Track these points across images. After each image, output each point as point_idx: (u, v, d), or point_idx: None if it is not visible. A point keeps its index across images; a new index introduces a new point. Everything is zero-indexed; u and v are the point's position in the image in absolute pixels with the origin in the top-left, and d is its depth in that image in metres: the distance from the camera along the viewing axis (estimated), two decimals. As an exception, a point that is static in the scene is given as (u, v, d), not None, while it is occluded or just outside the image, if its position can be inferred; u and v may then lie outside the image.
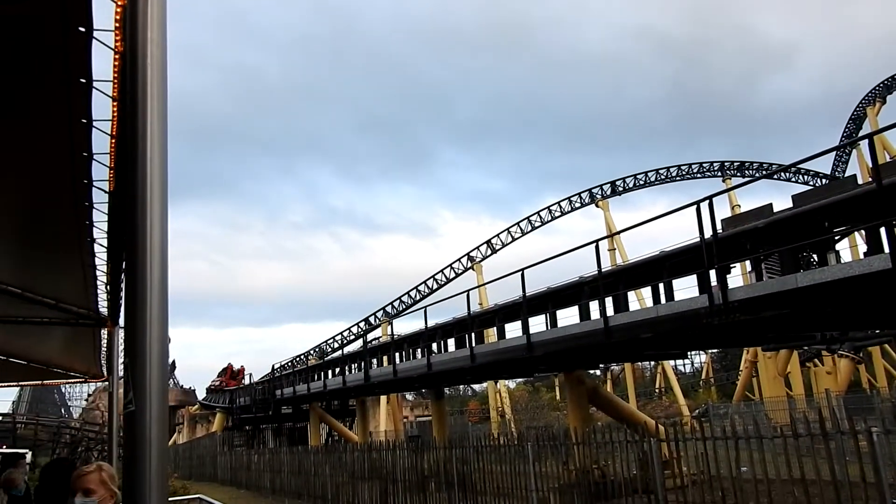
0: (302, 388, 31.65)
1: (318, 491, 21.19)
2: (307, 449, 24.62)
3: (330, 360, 37.77)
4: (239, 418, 42.38)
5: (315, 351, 54.42)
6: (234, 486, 29.67)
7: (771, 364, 37.31)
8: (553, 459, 13.30)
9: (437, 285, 54.69)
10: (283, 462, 24.53)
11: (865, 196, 8.92)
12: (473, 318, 17.81)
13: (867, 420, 10.86)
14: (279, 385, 35.73)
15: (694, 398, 63.04)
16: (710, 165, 58.14)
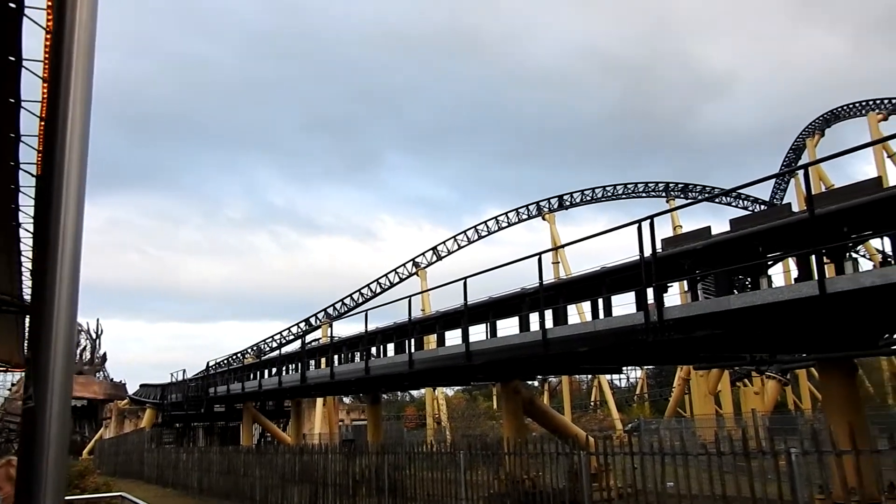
0: (236, 386, 31.08)
1: (247, 492, 20.80)
2: (238, 449, 24.20)
3: (266, 359, 37.21)
4: (170, 415, 41.36)
5: (252, 350, 53.54)
6: (160, 484, 28.92)
7: (703, 382, 38.23)
8: (485, 468, 13.32)
9: (381, 289, 54.51)
10: (212, 461, 24.02)
11: (798, 224, 9.20)
12: (414, 324, 17.75)
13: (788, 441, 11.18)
14: (213, 383, 35.03)
15: (628, 412, 64.14)
16: (655, 186, 59.57)
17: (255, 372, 30.91)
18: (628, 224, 11.03)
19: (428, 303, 40.86)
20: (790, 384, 45.07)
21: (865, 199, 8.54)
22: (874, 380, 59.33)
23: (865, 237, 9.56)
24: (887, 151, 44.79)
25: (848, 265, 9.10)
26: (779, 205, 47.05)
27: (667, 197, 58.61)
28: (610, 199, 59.18)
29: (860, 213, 8.70)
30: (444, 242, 55.80)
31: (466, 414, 53.20)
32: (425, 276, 54.08)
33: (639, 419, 42.06)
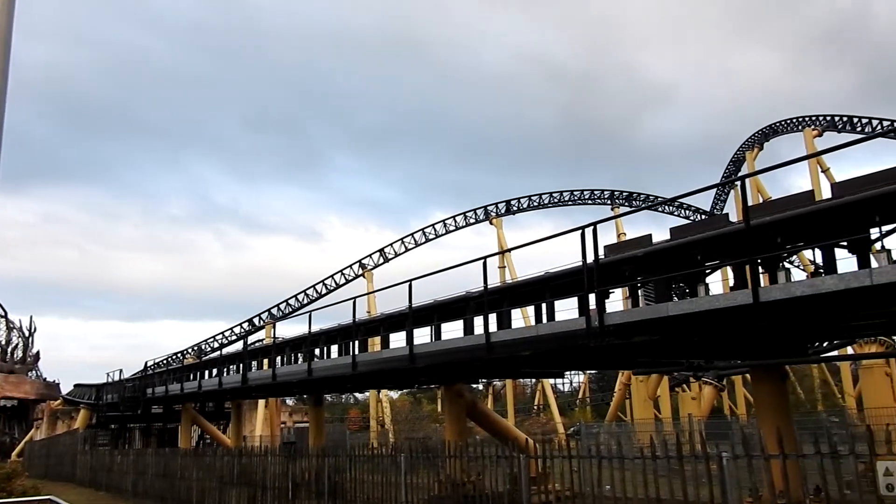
0: (175, 387, 30.38)
1: (183, 495, 20.37)
2: (175, 451, 23.67)
3: (207, 360, 36.50)
4: (105, 416, 40.16)
5: (192, 350, 52.45)
6: (93, 487, 28.15)
7: (642, 387, 38.99)
8: (427, 471, 13.32)
9: (327, 290, 54.07)
10: (148, 464, 23.47)
11: (735, 234, 9.46)
12: (358, 326, 17.64)
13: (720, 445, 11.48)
14: (151, 383, 34.17)
15: (570, 416, 64.96)
16: (601, 193, 60.63)
17: (195, 372, 30.29)
18: (572, 230, 11.17)
19: (374, 305, 40.73)
20: (725, 390, 46.29)
21: (798, 212, 8.82)
22: (805, 386, 61.49)
23: (798, 248, 9.88)
24: (821, 166, 46.43)
25: (781, 275, 9.40)
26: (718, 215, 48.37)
27: (612, 204, 59.70)
28: (556, 205, 60.01)
29: (793, 224, 8.99)
30: (391, 244, 55.71)
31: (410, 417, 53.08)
32: (372, 277, 53.86)
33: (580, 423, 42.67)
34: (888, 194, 7.87)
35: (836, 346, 26.46)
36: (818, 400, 57.12)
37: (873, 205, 8.12)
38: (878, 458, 6.67)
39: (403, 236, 56.47)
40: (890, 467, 6.43)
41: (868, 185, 8.27)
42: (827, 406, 49.91)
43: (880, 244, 8.68)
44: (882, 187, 7.96)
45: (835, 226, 8.69)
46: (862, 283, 7.42)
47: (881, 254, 8.39)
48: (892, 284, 7.19)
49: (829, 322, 10.24)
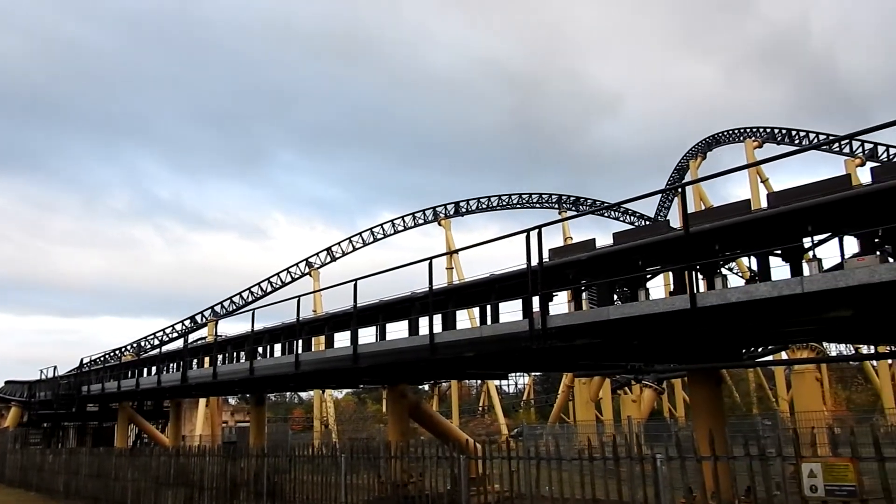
0: (112, 385, 29.55)
1: (117, 496, 19.85)
2: (109, 450, 23.04)
3: (146, 357, 35.63)
4: (38, 414, 38.81)
5: (132, 347, 51.13)
6: (23, 487, 27.21)
7: (585, 390, 39.57)
8: (368, 472, 13.26)
9: (272, 288, 53.37)
10: (81, 463, 22.79)
11: (675, 240, 9.66)
12: (302, 325, 17.45)
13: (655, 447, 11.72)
14: (87, 381, 33.18)
15: (514, 417, 65.55)
16: (548, 197, 61.39)
17: (134, 370, 29.53)
18: (518, 233, 11.25)
19: (320, 303, 40.43)
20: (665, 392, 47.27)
21: (735, 220, 9.06)
22: (742, 390, 63.28)
23: (735, 255, 10.14)
24: (760, 176, 47.82)
25: (718, 281, 9.64)
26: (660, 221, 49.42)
27: (559, 208, 60.50)
28: (505, 207, 60.54)
29: (731, 232, 9.23)
30: (338, 244, 55.33)
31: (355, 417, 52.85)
32: (318, 276, 53.39)
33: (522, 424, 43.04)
34: (820, 205, 8.14)
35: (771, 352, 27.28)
36: (753, 403, 58.87)
37: (806, 215, 8.39)
38: (804, 460, 6.89)
39: (351, 235, 56.25)
40: (814, 469, 6.64)
41: (802, 195, 8.54)
42: (762, 409, 51.44)
43: (812, 253, 8.98)
44: (814, 198, 8.24)
45: (770, 234, 8.95)
46: (793, 291, 7.65)
47: (813, 262, 8.66)
48: (821, 293, 7.43)
49: (763, 328, 10.54)
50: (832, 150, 46.74)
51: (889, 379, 50.06)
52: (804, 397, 31.95)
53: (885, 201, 7.78)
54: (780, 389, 52.67)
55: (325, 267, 54.41)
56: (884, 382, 48.67)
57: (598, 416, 42.81)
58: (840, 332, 11.42)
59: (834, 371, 61.40)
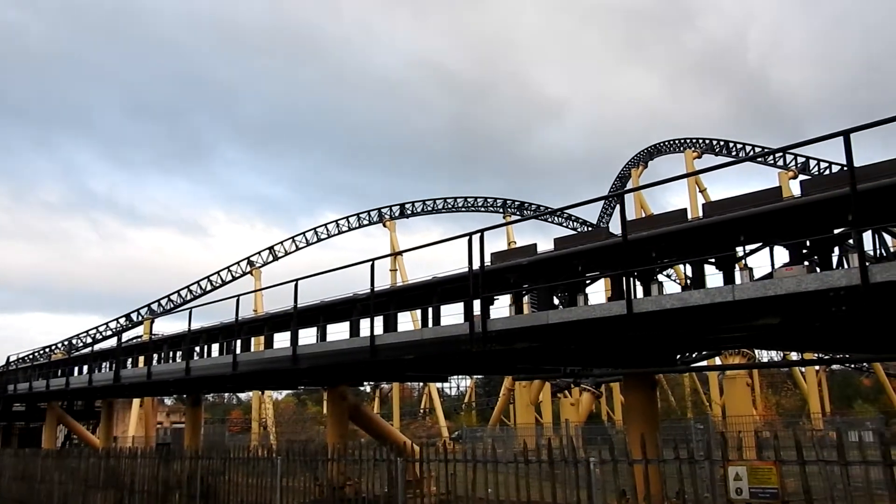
0: (40, 384, 28.53)
1: (43, 499, 19.20)
2: (35, 452, 22.25)
3: (77, 356, 34.52)
4: (-41, 414, 37.25)
5: (63, 345, 49.46)
6: (-60, 490, 25.98)
7: (525, 393, 39.92)
8: (306, 474, 13.10)
9: (212, 287, 52.36)
10: (5, 465, 22.03)
11: (614, 247, 9.83)
12: (241, 325, 17.15)
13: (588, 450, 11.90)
14: (13, 379, 31.96)
15: (455, 420, 65.72)
16: (494, 201, 61.83)
17: (64, 369, 28.57)
18: (460, 236, 11.27)
19: (261, 303, 39.81)
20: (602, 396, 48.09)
21: (671, 228, 9.27)
22: (677, 394, 64.84)
23: (670, 263, 10.38)
24: (699, 186, 49.11)
25: (654, 287, 9.85)
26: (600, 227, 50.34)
27: (504, 213, 60.99)
28: (451, 210, 60.76)
29: (667, 240, 9.44)
30: (281, 243, 54.70)
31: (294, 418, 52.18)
32: (260, 275, 52.64)
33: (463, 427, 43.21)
34: (752, 216, 8.40)
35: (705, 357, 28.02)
36: (688, 407, 60.34)
37: (739, 225, 8.65)
38: (730, 463, 7.08)
39: (294, 235, 55.68)
40: (739, 472, 6.84)
41: (735, 206, 8.80)
42: (696, 413, 52.74)
43: (744, 262, 9.26)
44: (747, 209, 8.50)
45: (704, 243, 9.19)
46: (725, 299, 7.86)
47: (745, 271, 8.92)
48: (751, 300, 7.66)
49: (696, 334, 10.80)
50: (767, 162, 48.34)
51: (816, 384, 52.04)
52: (735, 402, 32.88)
53: (812, 214, 8.08)
54: (714, 394, 54.16)
55: (267, 266, 53.78)
56: (811, 388, 50.56)
57: (538, 419, 43.28)
58: (769, 339, 11.77)
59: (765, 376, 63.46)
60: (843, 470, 6.47)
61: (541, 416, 44.96)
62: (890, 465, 6.21)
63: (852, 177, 6.79)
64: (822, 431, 31.55)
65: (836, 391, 67.71)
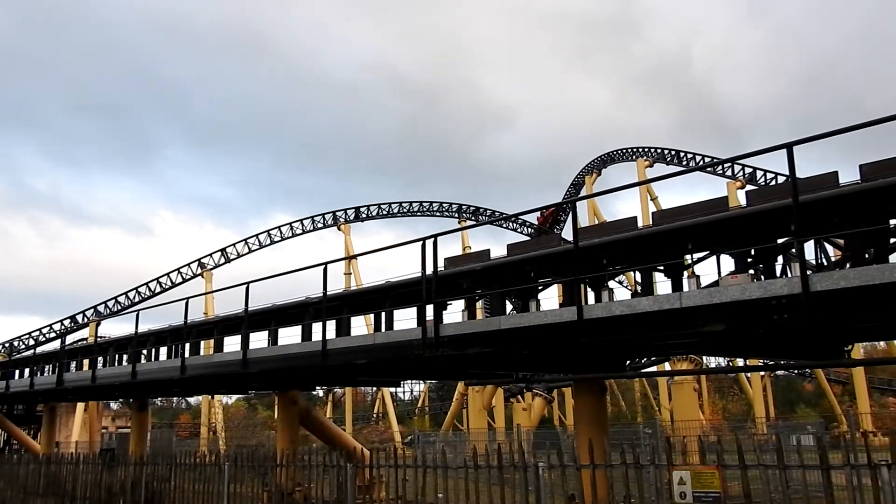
0: (-23, 387, 27.56)
1: (-22, 507, 18.52)
2: (-28, 458, 21.48)
3: (18, 358, 33.46)
4: None
5: (3, 347, 47.89)
6: None
7: (478, 398, 40.04)
8: (254, 480, 12.93)
9: (161, 288, 51.27)
10: (-62, 472, 21.10)
11: (565, 253, 9.93)
12: (191, 328, 16.84)
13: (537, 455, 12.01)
14: (-52, 382, 30.79)
15: (409, 425, 65.51)
16: (449, 206, 61.98)
17: (4, 372, 27.66)
18: (414, 241, 11.26)
19: (211, 306, 39.12)
20: (554, 401, 48.53)
21: (622, 236, 9.42)
22: (628, 399, 65.80)
23: (621, 270, 10.53)
24: (650, 194, 49.99)
25: (605, 294, 9.98)
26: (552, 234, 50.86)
27: (459, 217, 61.15)
28: (406, 214, 60.72)
29: (617, 247, 9.57)
30: (233, 245, 53.87)
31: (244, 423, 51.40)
32: (211, 278, 51.73)
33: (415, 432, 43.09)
34: (699, 225, 8.59)
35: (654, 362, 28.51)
36: (638, 412, 61.28)
37: (687, 233, 8.82)
38: (674, 468, 7.22)
39: (247, 237, 54.88)
40: (683, 477, 6.98)
41: (684, 215, 8.98)
42: (646, 418, 53.57)
43: (692, 270, 9.44)
44: (694, 218, 8.68)
45: (654, 251, 9.35)
46: (673, 306, 8.02)
47: (692, 279, 9.11)
48: (698, 308, 7.83)
49: (645, 340, 10.97)
50: (716, 172, 49.45)
51: (761, 390, 53.38)
52: (683, 406, 33.53)
53: (756, 224, 8.29)
54: (663, 399, 55.10)
55: (219, 268, 52.87)
56: (756, 393, 51.84)
57: (490, 424, 43.45)
58: (716, 345, 12.02)
59: (713, 382, 64.85)
60: (782, 474, 6.65)
61: (494, 421, 45.18)
62: (826, 468, 6.41)
63: (794, 188, 6.99)
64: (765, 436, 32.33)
65: (780, 396, 69.55)
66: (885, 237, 7.99)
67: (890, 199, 7.45)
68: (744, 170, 48.49)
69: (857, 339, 14.38)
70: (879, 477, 5.98)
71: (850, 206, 7.59)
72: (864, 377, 49.28)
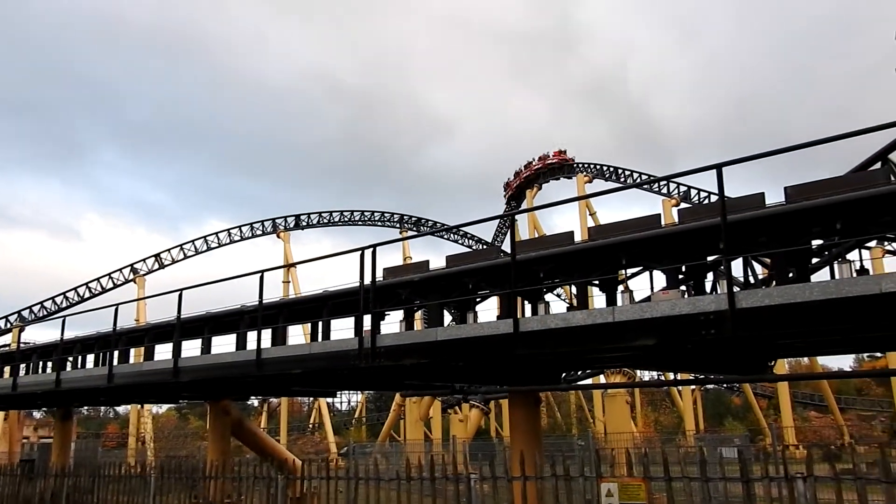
0: None
1: None
2: None
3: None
4: None
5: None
6: None
7: (416, 409, 39.97)
8: (182, 493, 12.58)
9: (91, 294, 49.64)
10: None
11: (504, 266, 10.02)
12: (120, 335, 16.34)
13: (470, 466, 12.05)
14: None
15: (345, 435, 64.84)
16: (391, 216, 61.90)
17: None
18: (353, 250, 11.20)
19: (144, 313, 38.11)
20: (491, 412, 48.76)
21: (558, 250, 9.55)
22: (563, 411, 66.59)
23: (557, 283, 10.68)
24: (589, 209, 50.86)
25: (541, 307, 10.10)
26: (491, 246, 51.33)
27: (401, 228, 61.09)
28: (347, 223, 60.33)
29: (554, 261, 9.71)
30: (168, 251, 52.56)
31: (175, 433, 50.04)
32: (144, 284, 50.33)
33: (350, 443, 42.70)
34: (632, 241, 8.78)
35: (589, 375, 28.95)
36: (573, 424, 62.07)
37: (621, 249, 9.01)
38: (602, 479, 7.34)
39: (183, 243, 53.67)
40: (611, 489, 7.10)
41: (618, 230, 9.17)
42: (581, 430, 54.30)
43: (626, 284, 9.64)
44: (628, 234, 8.87)
45: (589, 265, 9.51)
46: (606, 320, 8.16)
47: (625, 294, 9.30)
48: (630, 322, 7.99)
49: (579, 353, 11.14)
50: (652, 189, 50.65)
51: (691, 403, 54.75)
52: (616, 419, 34.09)
53: (688, 241, 8.53)
54: (598, 411, 55.86)
55: (152, 274, 51.50)
56: (686, 406, 53.11)
57: (427, 435, 43.36)
58: (647, 359, 12.29)
59: (645, 395, 66.26)
60: (704, 486, 6.84)
61: (431, 432, 45.10)
62: (746, 480, 6.62)
63: (723, 208, 7.23)
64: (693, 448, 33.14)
65: (709, 409, 71.45)
66: (807, 257, 8.33)
67: (812, 221, 7.77)
68: (678, 188, 49.84)
69: (781, 355, 14.91)
70: (795, 489, 6.21)
71: (775, 226, 7.89)
72: (788, 392, 51.05)
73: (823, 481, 6.46)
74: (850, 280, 6.86)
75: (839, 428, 50.26)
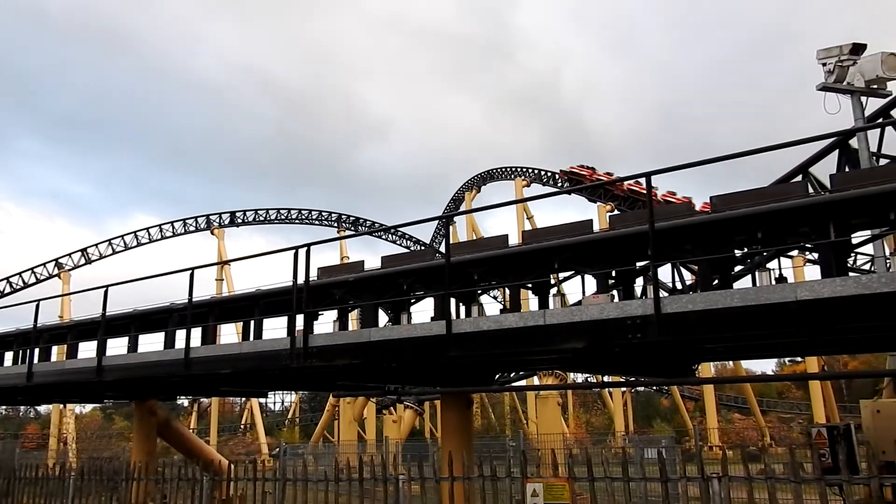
0: None
1: None
2: None
3: None
4: None
5: None
6: None
7: (349, 409, 39.73)
8: (103, 495, 12.20)
9: (12, 289, 47.64)
10: None
11: (438, 268, 10.06)
12: (41, 332, 15.74)
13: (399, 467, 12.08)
14: None
15: (278, 436, 63.95)
16: (329, 215, 61.36)
17: None
18: (287, 249, 11.06)
19: (68, 309, 36.85)
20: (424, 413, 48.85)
21: (493, 253, 9.66)
22: (497, 412, 67.17)
23: (490, 286, 10.79)
24: (527, 213, 51.51)
25: (475, 309, 10.20)
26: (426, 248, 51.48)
27: (338, 227, 60.64)
28: (284, 221, 59.59)
29: (488, 263, 9.81)
30: (96, 245, 50.82)
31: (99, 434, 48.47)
32: (69, 279, 48.57)
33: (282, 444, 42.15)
34: (565, 245, 8.95)
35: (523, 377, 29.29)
36: (507, 425, 62.70)
37: (553, 253, 9.17)
38: (528, 480, 7.46)
39: (111, 238, 51.95)
40: (536, 489, 7.22)
41: (551, 235, 9.33)
42: (514, 431, 54.88)
43: (558, 288, 9.82)
44: (561, 238, 9.04)
45: (523, 268, 9.64)
46: (537, 322, 8.29)
47: (558, 297, 9.46)
48: (561, 325, 8.13)
49: (512, 355, 11.27)
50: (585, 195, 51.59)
51: (621, 405, 56.05)
52: (547, 420, 34.56)
53: (618, 247, 8.74)
54: (531, 412, 56.49)
55: (78, 270, 49.70)
56: (616, 408, 54.35)
57: (361, 436, 43.13)
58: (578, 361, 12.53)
59: (578, 396, 67.42)
60: (625, 486, 7.03)
61: (364, 433, 44.87)
62: (664, 481, 6.84)
63: (651, 215, 7.43)
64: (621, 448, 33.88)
65: (639, 411, 73.24)
66: (730, 265, 8.64)
67: (735, 230, 8.07)
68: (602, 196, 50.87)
69: (705, 359, 15.43)
70: (711, 488, 6.45)
71: (701, 234, 8.16)
72: (713, 394, 52.66)
73: (737, 480, 6.71)
74: (769, 287, 7.15)
75: (760, 429, 52.06)
